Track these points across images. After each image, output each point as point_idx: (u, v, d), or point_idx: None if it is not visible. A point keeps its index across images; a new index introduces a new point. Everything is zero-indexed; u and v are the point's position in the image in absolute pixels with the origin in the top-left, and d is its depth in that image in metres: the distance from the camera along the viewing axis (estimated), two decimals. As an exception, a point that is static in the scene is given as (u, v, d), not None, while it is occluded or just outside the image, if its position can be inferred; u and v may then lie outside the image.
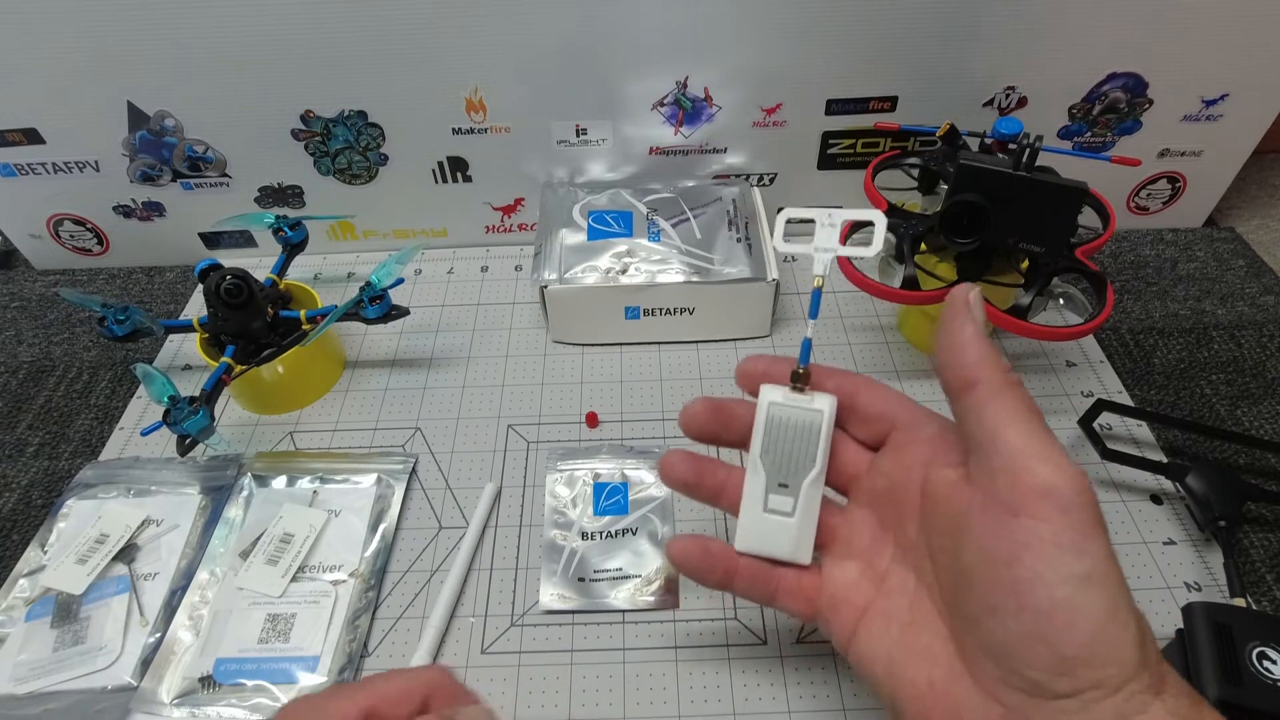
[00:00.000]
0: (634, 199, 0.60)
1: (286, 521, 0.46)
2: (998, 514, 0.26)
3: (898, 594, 0.31)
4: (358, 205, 0.64)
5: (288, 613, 0.42)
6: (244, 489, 0.48)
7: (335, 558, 0.44)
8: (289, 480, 0.48)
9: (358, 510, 0.47)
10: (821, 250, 0.33)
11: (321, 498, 0.47)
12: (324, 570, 0.44)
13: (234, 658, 0.40)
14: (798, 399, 0.32)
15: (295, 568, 0.44)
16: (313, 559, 0.44)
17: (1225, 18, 0.54)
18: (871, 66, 0.56)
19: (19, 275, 0.68)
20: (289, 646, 0.41)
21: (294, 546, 0.44)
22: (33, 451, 0.53)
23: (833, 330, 0.58)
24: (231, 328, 0.50)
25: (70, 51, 0.53)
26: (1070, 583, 0.24)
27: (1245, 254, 0.65)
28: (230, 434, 0.52)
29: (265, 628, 0.41)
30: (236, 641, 0.41)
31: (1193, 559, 0.44)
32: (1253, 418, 0.52)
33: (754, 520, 0.33)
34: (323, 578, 0.44)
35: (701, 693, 0.39)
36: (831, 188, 0.64)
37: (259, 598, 0.42)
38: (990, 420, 0.27)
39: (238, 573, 0.43)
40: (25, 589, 0.44)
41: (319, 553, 0.45)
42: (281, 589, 0.43)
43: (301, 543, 0.45)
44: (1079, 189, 0.43)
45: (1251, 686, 0.34)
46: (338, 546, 0.45)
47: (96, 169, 0.61)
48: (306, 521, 0.46)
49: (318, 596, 0.43)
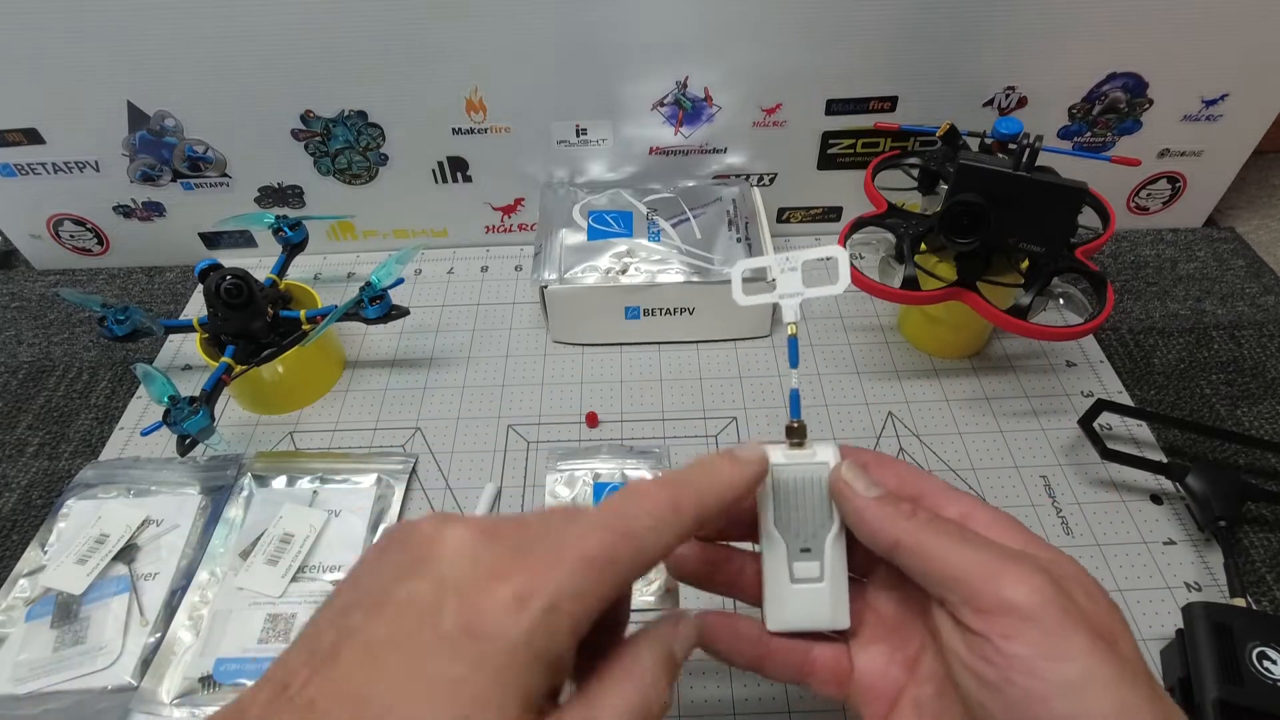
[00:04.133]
0: (634, 199, 0.60)
1: (287, 521, 0.45)
2: (975, 641, 0.25)
3: (928, 681, 0.28)
4: (358, 205, 0.64)
5: (288, 613, 0.42)
6: (244, 489, 0.48)
7: (335, 558, 0.44)
8: (289, 480, 0.48)
9: (358, 510, 0.47)
10: (787, 297, 0.32)
11: (321, 498, 0.47)
12: (324, 570, 0.44)
13: (235, 658, 0.40)
14: (799, 455, 0.30)
15: (295, 568, 0.43)
16: (313, 559, 0.44)
17: (1225, 18, 0.54)
18: (871, 66, 0.56)
19: (19, 275, 0.68)
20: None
21: (294, 547, 0.44)
22: (33, 451, 0.53)
23: (833, 330, 0.58)
24: (231, 328, 0.50)
25: (70, 51, 0.53)
26: (1066, 693, 0.22)
27: (1245, 254, 0.65)
28: (230, 434, 0.52)
29: (266, 628, 0.41)
30: (237, 641, 0.41)
31: (1193, 559, 0.44)
32: (1253, 418, 0.52)
33: (782, 596, 0.29)
34: (323, 578, 0.43)
35: (701, 693, 0.39)
36: (831, 187, 0.64)
37: (259, 598, 0.42)
38: (924, 569, 0.26)
39: (238, 573, 0.43)
40: (25, 589, 0.44)
41: (319, 553, 0.44)
42: (282, 589, 0.43)
43: (302, 543, 0.44)
44: (1079, 189, 0.43)
45: (1251, 686, 0.34)
46: (337, 547, 0.45)
47: (96, 169, 0.61)
48: (306, 522, 0.45)
49: (318, 596, 0.43)
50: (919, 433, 0.51)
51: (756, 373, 0.55)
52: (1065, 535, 0.45)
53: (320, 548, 0.45)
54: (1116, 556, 0.44)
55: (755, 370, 0.55)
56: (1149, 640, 0.40)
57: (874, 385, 0.54)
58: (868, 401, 0.53)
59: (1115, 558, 0.44)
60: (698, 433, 0.51)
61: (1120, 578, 0.43)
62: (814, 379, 0.54)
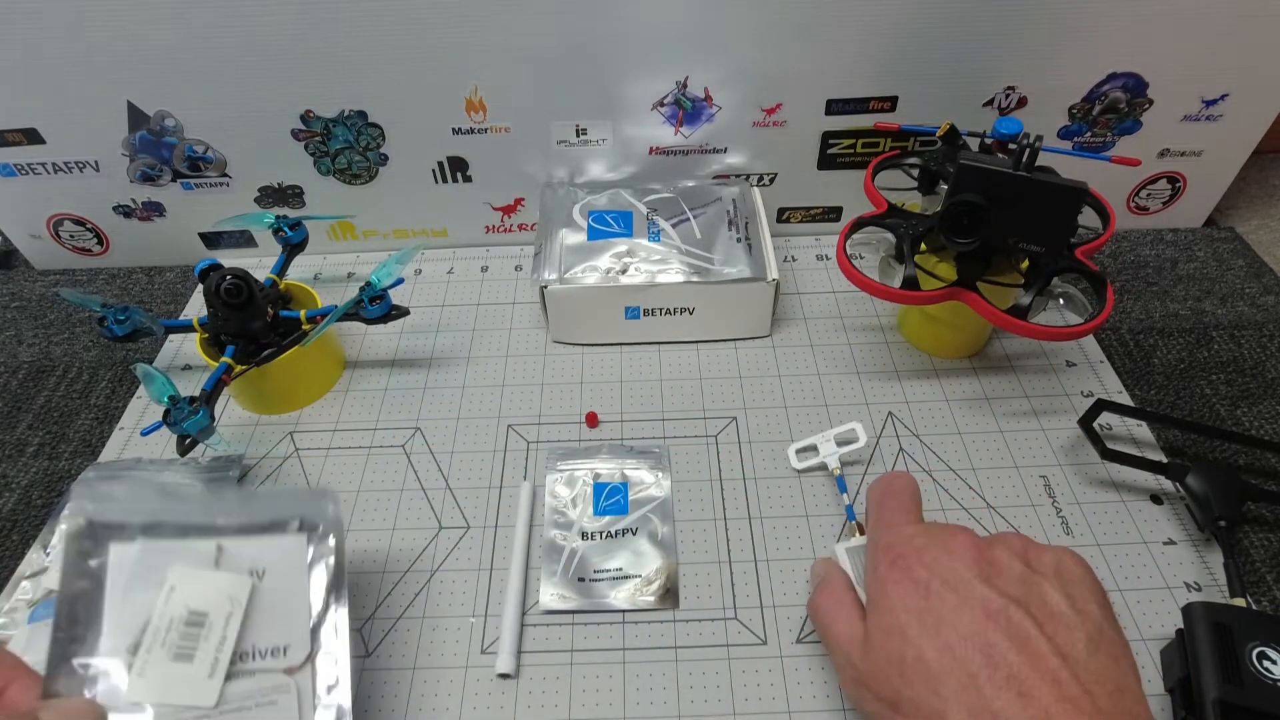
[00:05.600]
0: (634, 199, 0.60)
1: (182, 596, 0.31)
2: None
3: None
4: (358, 205, 0.64)
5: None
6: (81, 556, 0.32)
7: (275, 635, 0.32)
8: (154, 530, 0.33)
9: (285, 570, 0.34)
10: (828, 455, 0.48)
11: (228, 552, 0.33)
12: (264, 655, 0.32)
13: None
14: (858, 539, 0.41)
15: (225, 659, 0.31)
16: (245, 640, 0.32)
17: (1225, 18, 0.54)
18: (871, 66, 0.56)
19: (19, 275, 0.68)
20: None
21: (213, 629, 0.31)
22: (33, 451, 0.53)
23: (833, 330, 0.58)
24: (231, 328, 0.50)
25: (70, 51, 0.53)
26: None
27: (1245, 254, 0.65)
28: (230, 434, 0.52)
29: None
30: None
31: (1193, 559, 0.44)
32: (1253, 418, 0.52)
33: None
34: (267, 665, 0.31)
35: (701, 693, 0.39)
36: (831, 187, 0.64)
37: (186, 713, 0.30)
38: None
39: (128, 681, 0.30)
40: (28, 591, 0.44)
41: (251, 630, 0.32)
42: (215, 697, 0.30)
43: (224, 620, 0.31)
44: (1079, 189, 0.43)
45: (1251, 686, 0.34)
46: (277, 618, 0.33)
47: (96, 169, 0.61)
48: (226, 594, 0.32)
49: (272, 694, 0.31)
50: (919, 433, 0.51)
51: (756, 373, 0.55)
52: (1065, 535, 0.45)
53: (251, 626, 0.32)
54: (1116, 556, 0.44)
55: (755, 370, 0.55)
56: (1149, 640, 0.40)
57: (874, 385, 0.54)
58: (868, 401, 0.53)
59: (1115, 558, 0.44)
60: (698, 433, 0.51)
61: (1120, 578, 0.43)
62: (814, 379, 0.54)
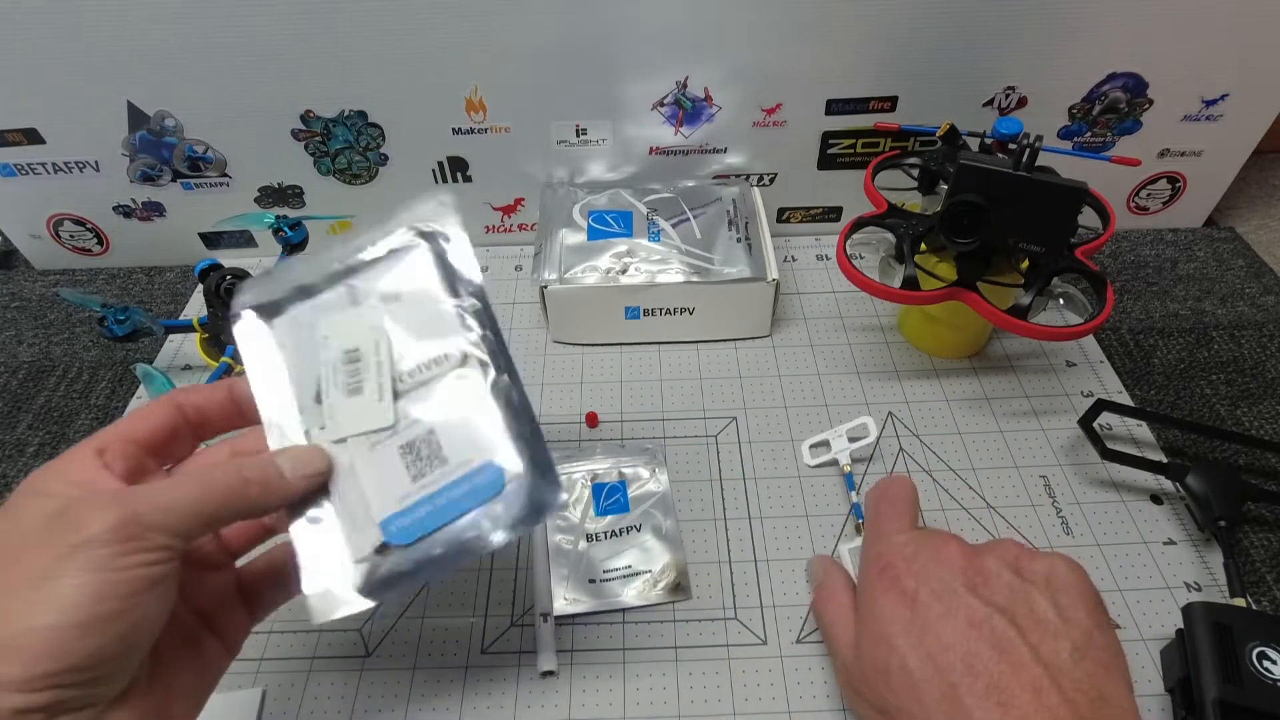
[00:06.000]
0: (634, 199, 0.60)
1: (336, 340, 0.32)
2: None
3: None
4: (358, 205, 0.64)
5: (421, 433, 0.31)
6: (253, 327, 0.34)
7: (430, 348, 0.32)
8: (299, 295, 0.33)
9: (417, 286, 0.33)
10: (840, 451, 0.49)
11: (360, 289, 0.33)
12: (426, 368, 0.32)
13: (396, 512, 0.30)
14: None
15: (387, 382, 0.32)
16: (405, 361, 0.32)
17: (1225, 18, 0.54)
18: (871, 66, 0.56)
19: (19, 275, 0.68)
20: (451, 466, 0.31)
21: (367, 359, 0.32)
22: (33, 451, 0.53)
23: (833, 330, 0.58)
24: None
25: (70, 51, 0.53)
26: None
27: (1245, 254, 0.65)
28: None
29: (408, 462, 0.31)
30: (387, 496, 0.31)
31: (1193, 559, 0.44)
32: (1253, 418, 0.52)
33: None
34: (431, 375, 0.32)
35: (701, 693, 0.39)
36: (831, 187, 0.64)
37: (375, 437, 0.31)
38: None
39: (324, 425, 0.32)
40: (26, 589, 0.44)
41: (406, 351, 0.32)
42: (390, 415, 0.31)
43: (376, 352, 0.32)
44: (1079, 189, 0.43)
45: (1251, 686, 0.34)
46: (425, 332, 0.33)
47: (96, 169, 0.61)
48: (368, 326, 0.33)
49: (446, 399, 0.32)
50: (919, 433, 0.51)
51: (756, 373, 0.55)
52: (1065, 535, 0.45)
53: (402, 342, 0.33)
54: (1116, 556, 0.44)
55: (755, 370, 0.55)
56: (1149, 640, 0.40)
57: (874, 385, 0.54)
58: (868, 401, 0.53)
59: (1115, 558, 0.44)
60: (698, 433, 0.51)
61: (1120, 578, 0.43)
62: (814, 379, 0.54)
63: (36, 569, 0.24)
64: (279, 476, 0.29)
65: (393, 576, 0.30)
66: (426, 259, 0.34)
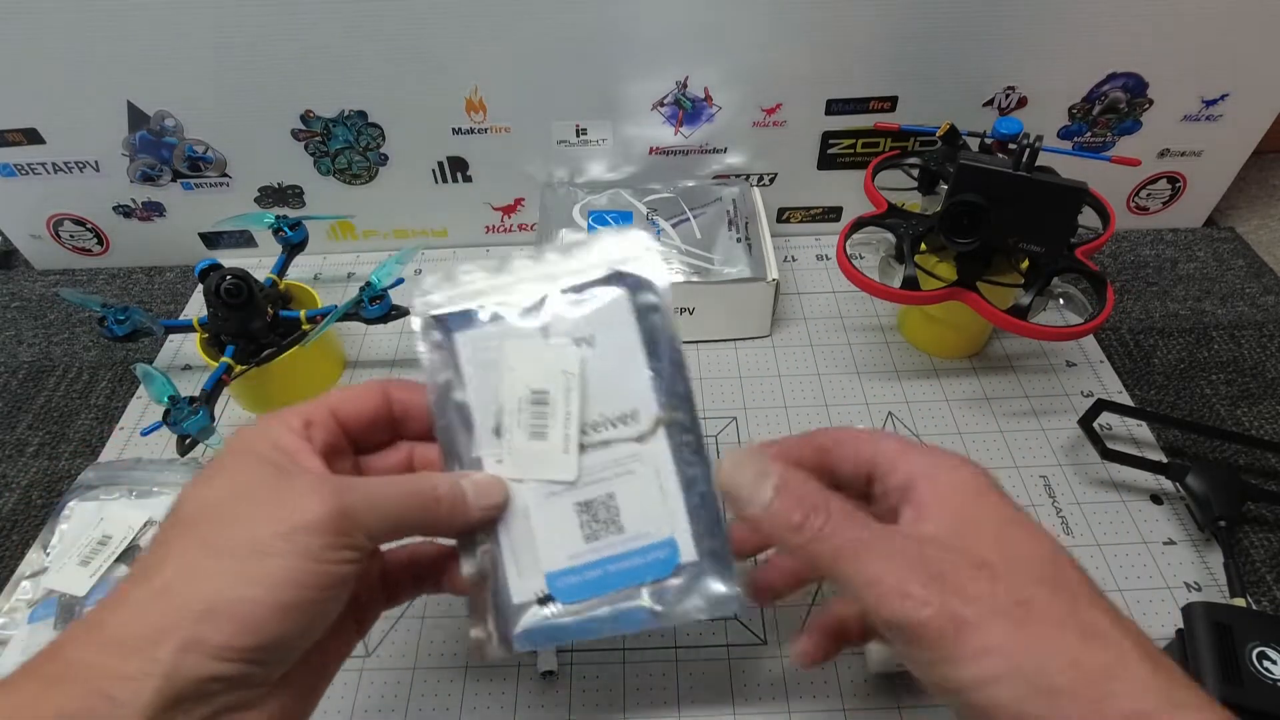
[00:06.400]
0: (634, 199, 0.60)
1: (523, 375, 0.31)
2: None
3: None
4: (358, 205, 0.64)
5: (600, 495, 0.30)
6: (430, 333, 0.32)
7: (619, 402, 0.31)
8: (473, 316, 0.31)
9: (613, 333, 0.31)
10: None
11: (553, 326, 0.31)
12: (612, 424, 0.31)
13: (566, 569, 0.30)
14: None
15: (574, 433, 0.30)
16: (590, 412, 0.31)
17: (1225, 18, 0.54)
18: (871, 66, 0.56)
19: (19, 275, 0.68)
20: (627, 536, 0.30)
21: (555, 405, 0.31)
22: (33, 451, 0.53)
23: (833, 330, 0.58)
24: (231, 328, 0.50)
25: (70, 51, 0.53)
26: (973, 689, 0.22)
27: (1245, 254, 0.65)
28: (231, 434, 0.52)
29: (583, 521, 0.30)
30: (557, 550, 0.30)
31: (1193, 559, 0.44)
32: (1253, 418, 0.52)
33: None
34: (617, 435, 0.31)
35: (701, 693, 0.39)
36: (831, 187, 0.64)
37: (553, 487, 0.30)
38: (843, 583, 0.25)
39: (501, 460, 0.31)
40: (28, 591, 0.44)
41: (593, 401, 0.31)
42: (574, 471, 0.30)
43: (564, 395, 0.31)
44: (1079, 189, 0.43)
45: (1251, 686, 0.34)
46: (616, 384, 0.31)
47: (96, 169, 0.61)
48: (559, 369, 0.31)
49: (627, 463, 0.30)
50: (919, 433, 0.51)
51: (756, 373, 0.55)
52: (1065, 535, 0.45)
53: (590, 394, 0.31)
54: (1116, 556, 0.44)
55: (755, 370, 0.55)
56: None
57: (874, 385, 0.54)
58: (868, 401, 0.53)
59: (1115, 558, 0.44)
60: (698, 433, 0.51)
61: (1120, 578, 0.43)
62: (814, 379, 0.54)
63: (251, 539, 0.24)
64: (463, 500, 0.28)
65: (548, 629, 0.29)
66: (626, 307, 0.31)
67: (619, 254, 0.31)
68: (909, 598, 0.23)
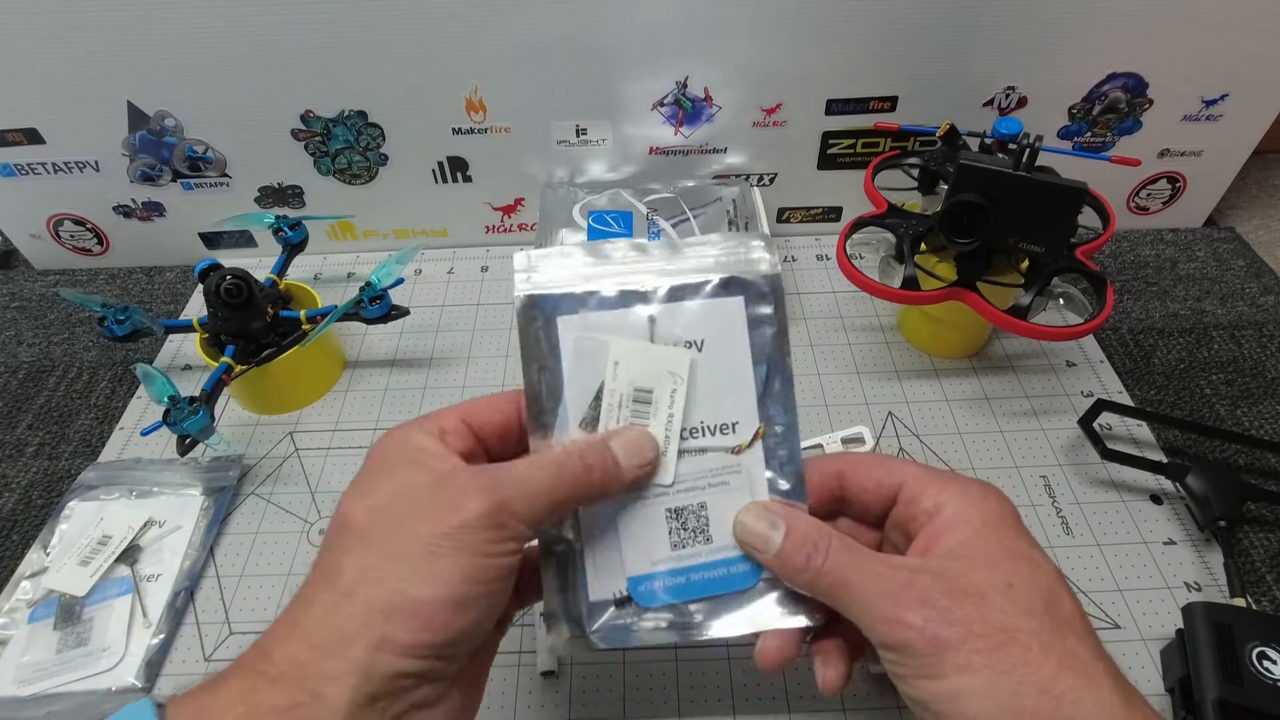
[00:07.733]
0: (634, 199, 0.60)
1: (626, 370, 0.30)
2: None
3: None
4: (358, 205, 0.64)
5: (693, 504, 0.30)
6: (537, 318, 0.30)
7: (721, 411, 0.30)
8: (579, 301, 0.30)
9: (724, 340, 0.30)
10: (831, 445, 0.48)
11: (661, 323, 0.30)
12: (711, 432, 0.30)
13: (648, 573, 0.29)
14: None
15: (675, 436, 0.29)
16: (691, 417, 0.30)
17: (1225, 18, 0.54)
18: (871, 66, 0.56)
19: (19, 275, 0.68)
20: (714, 548, 0.29)
21: (659, 406, 0.30)
22: (33, 451, 0.53)
23: (833, 330, 0.58)
24: (231, 328, 0.50)
25: (70, 51, 0.53)
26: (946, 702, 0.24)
27: (1245, 254, 0.65)
28: (230, 434, 0.52)
29: (672, 528, 0.29)
30: (641, 554, 0.29)
31: (1193, 559, 0.44)
32: (1253, 418, 0.52)
33: None
34: (715, 444, 0.30)
35: (701, 693, 0.39)
36: (831, 187, 0.64)
37: (644, 490, 0.30)
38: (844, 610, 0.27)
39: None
40: (28, 591, 0.44)
41: (696, 407, 0.30)
42: (671, 475, 0.29)
43: (669, 396, 0.30)
44: (1079, 189, 0.43)
45: (1251, 686, 0.34)
46: (721, 392, 0.30)
47: (96, 169, 0.61)
48: (666, 369, 0.30)
49: (723, 474, 0.30)
50: (919, 433, 0.51)
51: (757, 373, 0.55)
52: (1065, 535, 0.45)
53: (696, 399, 0.30)
54: (1116, 556, 0.44)
55: (755, 370, 0.55)
56: (1149, 640, 0.40)
57: (874, 385, 0.54)
58: (868, 401, 0.53)
59: (1115, 558, 0.44)
60: (698, 433, 0.51)
61: (1120, 578, 0.43)
62: (814, 379, 0.54)
63: (422, 541, 0.24)
64: (615, 464, 0.28)
65: (623, 631, 0.29)
66: (740, 315, 0.30)
67: (733, 258, 0.30)
68: (896, 622, 0.25)
